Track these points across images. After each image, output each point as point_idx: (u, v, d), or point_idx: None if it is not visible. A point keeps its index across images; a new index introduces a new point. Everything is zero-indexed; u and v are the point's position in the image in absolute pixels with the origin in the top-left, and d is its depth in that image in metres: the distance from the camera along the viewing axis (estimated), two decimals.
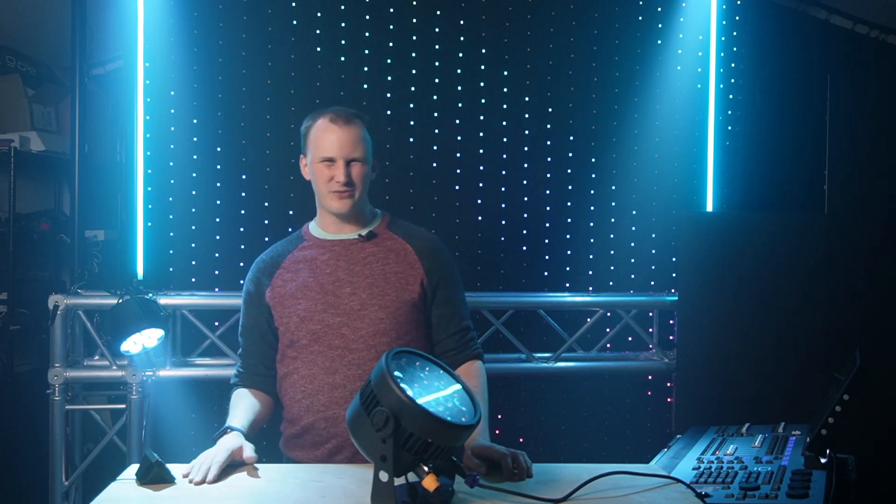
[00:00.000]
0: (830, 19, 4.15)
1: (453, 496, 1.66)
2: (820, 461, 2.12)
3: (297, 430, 2.21)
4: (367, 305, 2.17)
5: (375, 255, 2.23)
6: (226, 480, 1.84)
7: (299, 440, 2.22)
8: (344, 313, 2.17)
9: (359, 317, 2.17)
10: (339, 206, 2.20)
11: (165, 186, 3.64)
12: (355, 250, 2.23)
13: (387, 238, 2.27)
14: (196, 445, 3.58)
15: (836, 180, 3.42)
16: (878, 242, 3.39)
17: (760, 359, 3.39)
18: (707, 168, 3.90)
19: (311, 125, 2.24)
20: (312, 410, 2.17)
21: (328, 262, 2.23)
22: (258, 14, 3.71)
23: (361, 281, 2.19)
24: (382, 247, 2.25)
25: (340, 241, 2.25)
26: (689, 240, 3.48)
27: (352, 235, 2.25)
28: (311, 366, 2.18)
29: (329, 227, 2.28)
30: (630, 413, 3.92)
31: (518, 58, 3.85)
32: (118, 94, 3.87)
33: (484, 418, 2.13)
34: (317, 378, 2.17)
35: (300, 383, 2.19)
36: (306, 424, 2.19)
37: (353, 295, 2.18)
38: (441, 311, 2.26)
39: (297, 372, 2.20)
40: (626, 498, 1.74)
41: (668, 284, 3.80)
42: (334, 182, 2.18)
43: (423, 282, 2.23)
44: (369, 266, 2.21)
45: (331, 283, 2.20)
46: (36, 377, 3.57)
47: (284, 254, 2.28)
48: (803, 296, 3.40)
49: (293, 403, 2.21)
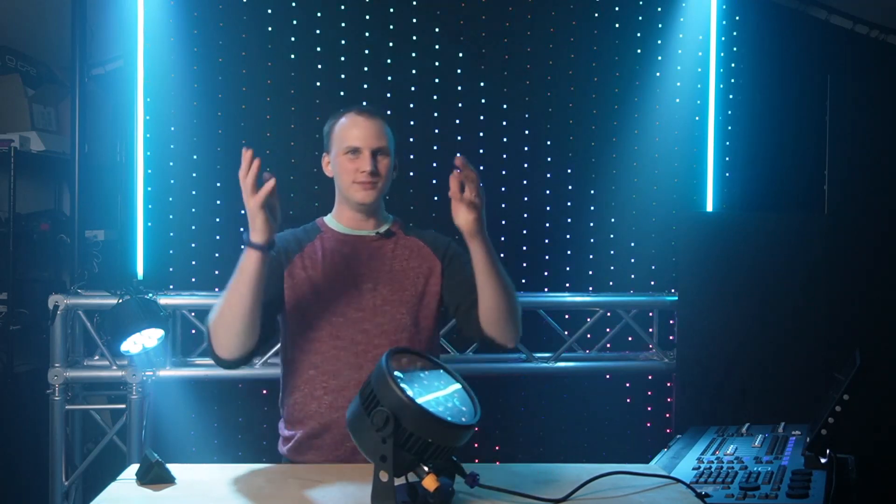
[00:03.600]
0: (830, 19, 4.15)
1: (453, 496, 1.66)
2: (820, 461, 2.12)
3: (315, 430, 2.15)
4: (388, 301, 2.18)
5: (394, 252, 2.23)
6: (226, 481, 1.84)
7: (316, 441, 2.16)
8: (365, 308, 2.16)
9: (380, 312, 2.17)
10: (364, 197, 2.18)
11: (165, 186, 3.65)
12: (375, 246, 2.23)
13: (401, 237, 2.28)
14: (196, 445, 3.63)
15: (836, 180, 3.42)
16: (878, 243, 3.39)
17: (760, 359, 3.39)
18: (707, 168, 3.91)
19: (335, 122, 2.24)
20: (336, 407, 2.12)
21: (348, 256, 2.21)
22: (258, 14, 3.71)
23: (382, 276, 2.19)
24: (400, 244, 2.25)
25: (359, 237, 2.24)
26: (689, 240, 3.48)
27: (370, 232, 2.24)
28: (335, 361, 2.14)
29: (348, 222, 2.25)
30: (630, 413, 3.92)
31: (518, 58, 3.85)
32: (118, 94, 3.87)
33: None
34: (341, 374, 2.13)
35: (321, 379, 2.15)
36: (327, 422, 2.13)
37: (373, 290, 2.18)
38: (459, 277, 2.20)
39: (315, 367, 2.15)
40: (626, 498, 1.74)
41: (668, 284, 3.80)
42: (359, 172, 2.17)
43: (441, 270, 2.24)
44: (389, 262, 2.21)
45: (351, 277, 2.19)
46: (36, 377, 3.57)
47: (304, 241, 2.24)
48: (803, 296, 3.40)
49: (311, 401, 2.15)
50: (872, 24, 4.15)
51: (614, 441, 3.90)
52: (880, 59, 4.16)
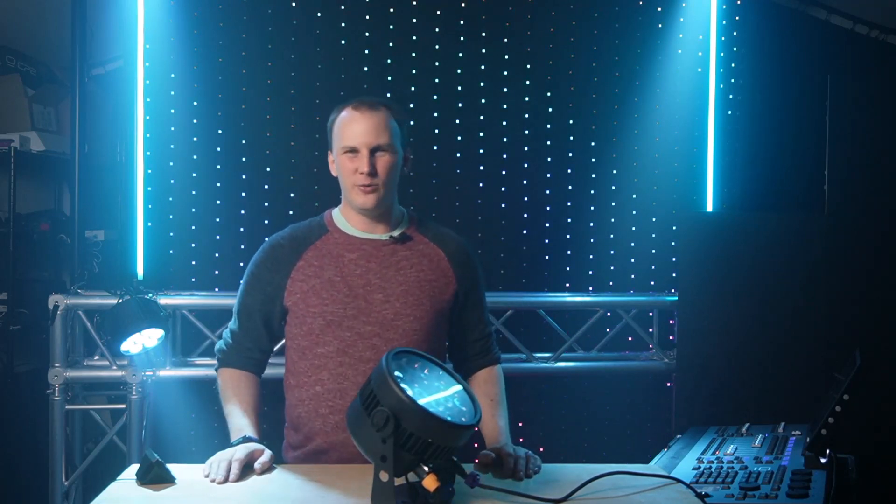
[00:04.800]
0: (830, 19, 4.15)
1: (453, 496, 1.66)
2: (820, 461, 2.12)
3: (321, 447, 2.08)
4: (400, 315, 2.05)
5: (409, 260, 2.09)
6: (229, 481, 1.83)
7: (322, 457, 2.08)
8: (376, 322, 2.04)
9: (392, 327, 2.04)
10: (364, 202, 2.03)
11: (165, 186, 3.64)
12: (387, 253, 2.08)
13: (419, 242, 2.13)
14: (196, 445, 3.63)
15: (836, 180, 3.42)
16: (878, 243, 3.39)
17: (760, 359, 3.39)
18: (707, 168, 3.90)
19: (335, 117, 2.08)
20: (342, 427, 1.94)
21: (357, 263, 2.06)
22: (258, 14, 3.71)
23: (395, 288, 2.05)
24: (415, 251, 2.11)
25: (370, 241, 2.09)
26: (689, 240, 3.48)
27: (383, 236, 2.09)
28: (342, 380, 2.03)
29: (357, 224, 2.10)
30: (630, 413, 3.92)
31: (518, 58, 3.85)
32: (118, 94, 3.87)
33: (505, 420, 2.14)
34: (348, 393, 2.00)
35: (327, 397, 2.04)
36: (334, 442, 2.05)
37: (385, 302, 2.05)
38: (469, 315, 2.18)
39: (321, 384, 2.05)
40: (626, 498, 1.74)
41: (668, 284, 3.80)
42: (358, 174, 2.01)
43: (455, 291, 2.14)
44: (403, 272, 2.07)
45: (361, 286, 2.05)
46: (36, 377, 3.57)
47: (306, 243, 2.09)
48: (803, 296, 3.40)
49: (316, 418, 2.06)
50: (872, 24, 4.15)
51: (614, 441, 3.90)
52: (880, 59, 4.16)
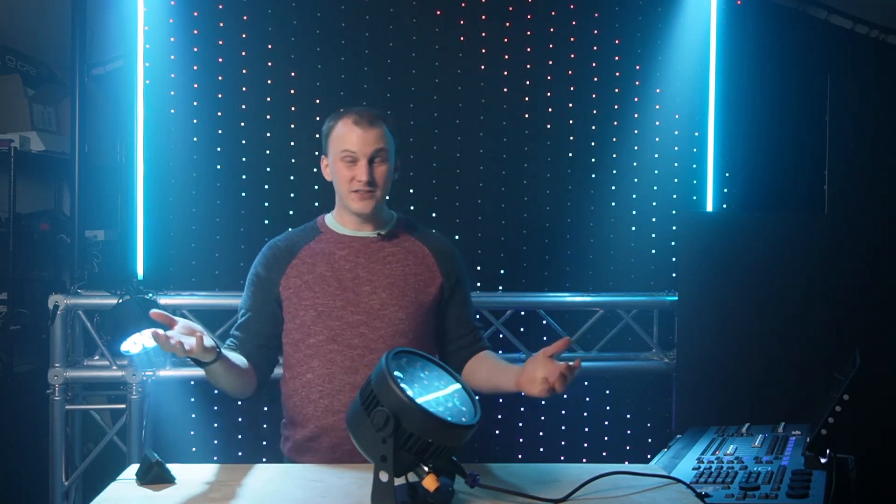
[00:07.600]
0: (830, 19, 4.15)
1: (453, 496, 1.66)
2: (820, 461, 2.12)
3: (313, 432, 2.16)
4: (386, 305, 2.17)
5: (395, 256, 2.22)
6: (226, 480, 1.83)
7: (314, 444, 2.17)
8: (363, 312, 2.16)
9: (378, 316, 2.16)
10: (361, 207, 2.18)
11: (165, 186, 3.64)
12: (374, 249, 2.22)
13: (404, 239, 2.26)
14: (196, 445, 3.63)
15: (836, 180, 3.42)
16: (878, 242, 3.39)
17: (760, 359, 3.38)
18: (707, 168, 3.90)
19: (333, 125, 2.21)
20: (332, 411, 2.12)
21: (347, 258, 2.20)
22: (258, 14, 3.71)
23: (381, 280, 2.18)
24: (401, 247, 2.24)
25: (359, 238, 2.23)
26: (689, 240, 3.48)
27: (371, 234, 2.23)
28: (330, 365, 2.14)
29: (347, 224, 2.25)
30: (630, 413, 3.92)
31: (518, 58, 3.85)
32: (118, 94, 3.87)
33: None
34: (336, 378, 2.13)
35: (317, 383, 2.15)
36: (324, 426, 2.14)
37: (372, 294, 2.17)
38: (456, 312, 2.28)
39: (312, 371, 2.15)
40: (626, 498, 1.74)
41: (668, 284, 3.80)
42: (356, 182, 2.15)
43: (441, 285, 2.24)
44: (389, 266, 2.20)
45: (350, 279, 2.18)
46: (36, 377, 3.57)
47: (300, 244, 2.24)
48: (803, 295, 3.39)
49: (307, 404, 2.16)
50: (872, 24, 4.15)
51: (614, 441, 3.90)
52: (880, 59, 4.15)
